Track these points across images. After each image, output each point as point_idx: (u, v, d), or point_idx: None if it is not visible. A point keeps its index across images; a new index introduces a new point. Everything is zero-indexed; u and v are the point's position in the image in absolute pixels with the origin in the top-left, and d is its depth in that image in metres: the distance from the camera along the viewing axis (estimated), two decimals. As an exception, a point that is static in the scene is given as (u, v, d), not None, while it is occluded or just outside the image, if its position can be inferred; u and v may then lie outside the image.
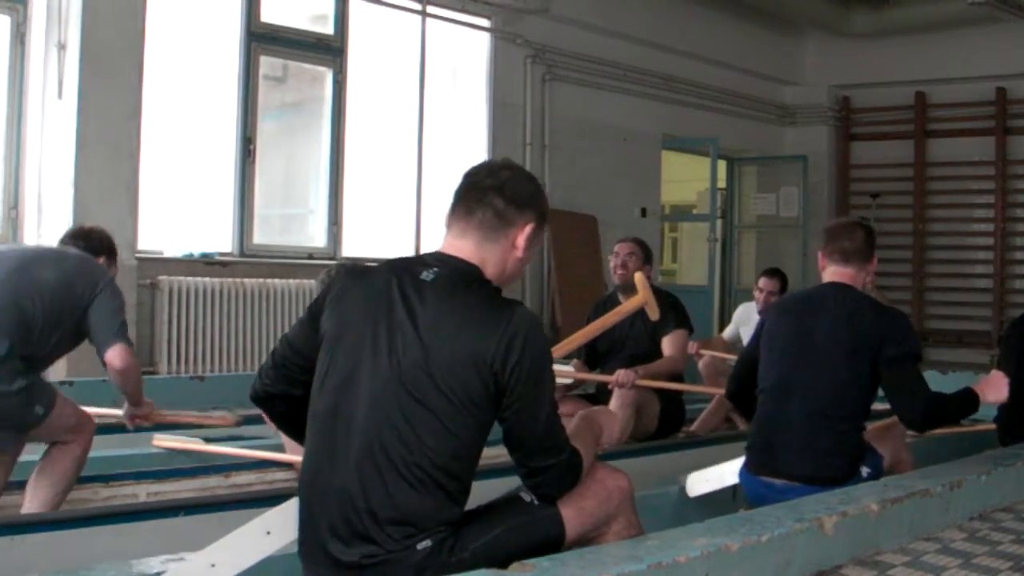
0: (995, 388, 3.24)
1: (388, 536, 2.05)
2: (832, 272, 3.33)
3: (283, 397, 2.30)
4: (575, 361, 5.25)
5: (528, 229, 2.23)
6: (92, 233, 3.95)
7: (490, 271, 2.20)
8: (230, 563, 2.19)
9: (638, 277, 3.75)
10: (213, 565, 2.18)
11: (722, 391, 4.40)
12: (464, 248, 2.20)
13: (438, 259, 2.20)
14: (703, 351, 5.85)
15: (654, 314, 4.68)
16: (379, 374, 2.10)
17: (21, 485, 3.51)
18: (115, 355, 3.62)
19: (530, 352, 2.07)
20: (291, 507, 2.24)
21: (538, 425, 2.10)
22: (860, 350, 3.14)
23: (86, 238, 3.89)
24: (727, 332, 6.69)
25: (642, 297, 3.68)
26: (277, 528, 2.23)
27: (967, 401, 3.22)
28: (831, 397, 3.15)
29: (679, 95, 10.63)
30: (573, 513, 2.22)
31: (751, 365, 3.39)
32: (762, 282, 6.16)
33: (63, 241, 3.93)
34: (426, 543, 2.05)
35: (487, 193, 2.20)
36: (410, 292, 2.14)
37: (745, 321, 6.32)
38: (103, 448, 3.99)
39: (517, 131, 9.19)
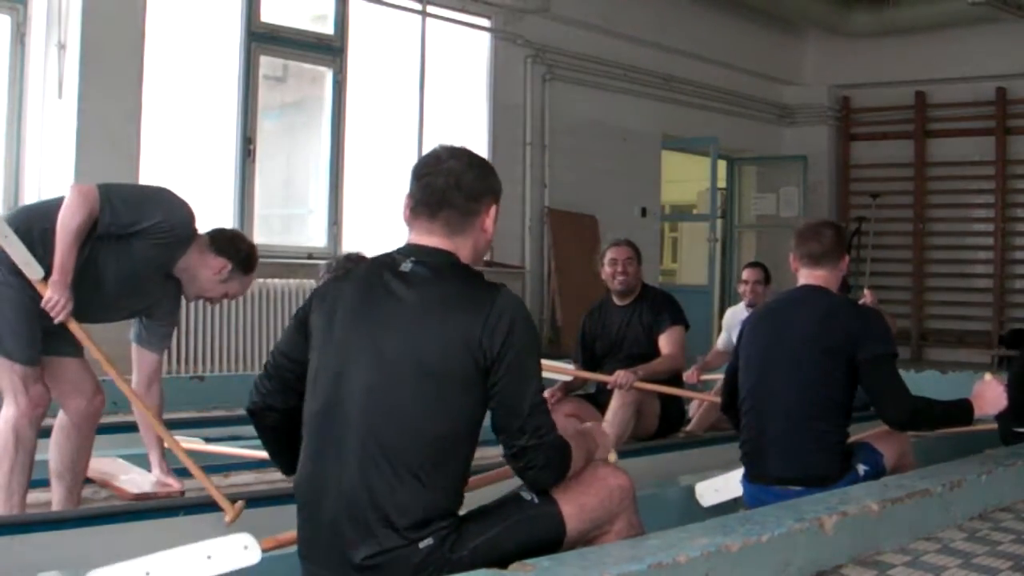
0: (992, 401, 3.21)
1: (392, 533, 2.05)
2: (805, 275, 3.35)
3: (279, 407, 2.32)
4: (574, 362, 5.26)
5: (492, 211, 2.29)
6: (225, 234, 3.75)
7: (464, 256, 2.25)
8: None
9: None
10: (147, 573, 2.19)
11: (717, 399, 4.42)
12: (435, 241, 2.24)
13: (413, 251, 2.24)
14: (705, 377, 5.81)
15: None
16: (371, 367, 2.12)
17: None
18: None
19: (518, 329, 2.12)
20: (238, 540, 2.25)
21: (524, 403, 2.12)
22: (835, 349, 3.14)
23: (216, 239, 3.67)
24: (720, 341, 6.67)
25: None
26: (218, 556, 2.23)
27: (959, 412, 3.19)
28: (808, 397, 3.14)
29: (679, 95, 10.63)
30: (574, 511, 2.22)
31: (736, 376, 3.38)
32: (746, 273, 6.22)
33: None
34: (428, 541, 2.06)
35: (445, 194, 2.22)
36: (393, 283, 2.18)
37: (734, 325, 6.30)
38: (103, 448, 3.98)
39: (517, 131, 9.19)
